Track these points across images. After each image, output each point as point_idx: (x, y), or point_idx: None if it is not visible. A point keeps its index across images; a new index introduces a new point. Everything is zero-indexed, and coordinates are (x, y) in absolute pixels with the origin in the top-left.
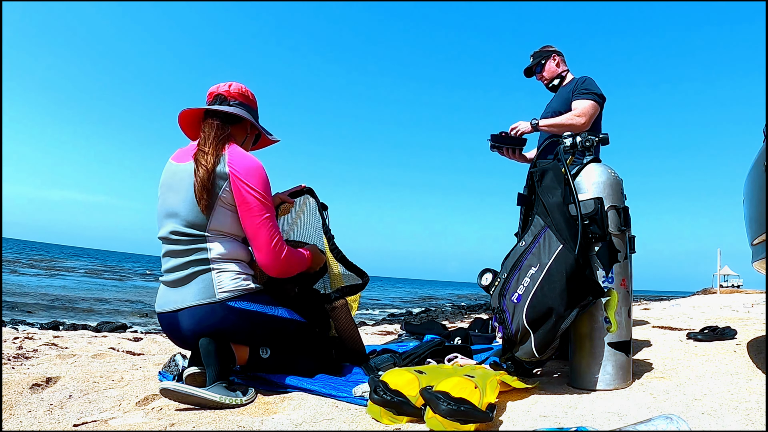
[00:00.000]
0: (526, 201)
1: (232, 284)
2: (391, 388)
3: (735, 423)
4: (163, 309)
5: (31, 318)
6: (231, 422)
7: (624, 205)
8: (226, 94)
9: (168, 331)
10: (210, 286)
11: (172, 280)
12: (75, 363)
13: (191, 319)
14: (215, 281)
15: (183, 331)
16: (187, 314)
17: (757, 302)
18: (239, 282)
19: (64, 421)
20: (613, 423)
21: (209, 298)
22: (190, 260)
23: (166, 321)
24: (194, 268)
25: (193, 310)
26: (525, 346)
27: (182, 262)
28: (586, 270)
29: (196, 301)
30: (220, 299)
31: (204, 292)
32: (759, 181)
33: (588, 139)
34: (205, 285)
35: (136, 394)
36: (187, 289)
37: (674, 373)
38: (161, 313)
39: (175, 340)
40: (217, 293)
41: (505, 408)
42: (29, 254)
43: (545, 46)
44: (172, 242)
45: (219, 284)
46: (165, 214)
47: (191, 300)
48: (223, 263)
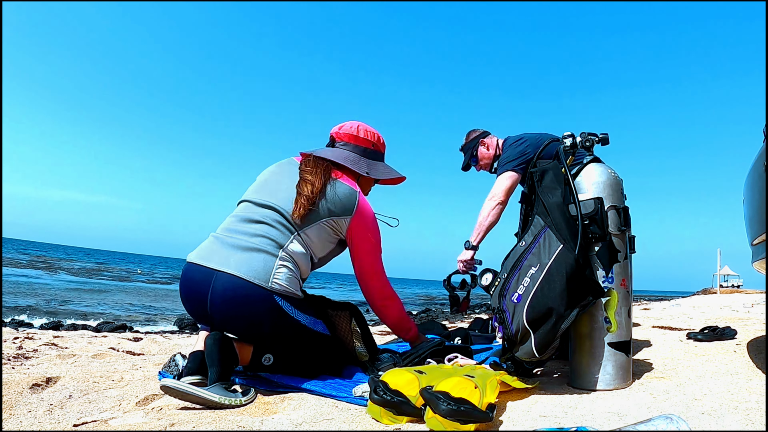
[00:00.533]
0: (527, 200)
1: (287, 282)
2: (391, 388)
3: (735, 423)
4: (201, 261)
5: (31, 318)
6: (231, 422)
7: (624, 205)
8: (335, 136)
9: (189, 288)
10: (269, 270)
11: (232, 242)
12: (75, 363)
13: (230, 290)
14: (275, 270)
15: (213, 296)
16: (228, 281)
17: (757, 302)
18: (292, 283)
19: (64, 421)
20: (613, 423)
21: (261, 281)
22: (267, 234)
23: (194, 275)
24: (264, 245)
25: (238, 282)
26: (525, 346)
27: (257, 233)
28: (586, 270)
29: (245, 275)
30: (271, 289)
31: (259, 271)
32: (759, 181)
33: (588, 138)
34: (265, 267)
35: (136, 394)
36: (243, 257)
37: (674, 373)
38: (194, 264)
39: (191, 301)
40: (271, 281)
41: (505, 408)
42: (29, 254)
43: (468, 133)
44: (263, 207)
45: (277, 275)
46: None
47: (242, 270)
48: (289, 261)
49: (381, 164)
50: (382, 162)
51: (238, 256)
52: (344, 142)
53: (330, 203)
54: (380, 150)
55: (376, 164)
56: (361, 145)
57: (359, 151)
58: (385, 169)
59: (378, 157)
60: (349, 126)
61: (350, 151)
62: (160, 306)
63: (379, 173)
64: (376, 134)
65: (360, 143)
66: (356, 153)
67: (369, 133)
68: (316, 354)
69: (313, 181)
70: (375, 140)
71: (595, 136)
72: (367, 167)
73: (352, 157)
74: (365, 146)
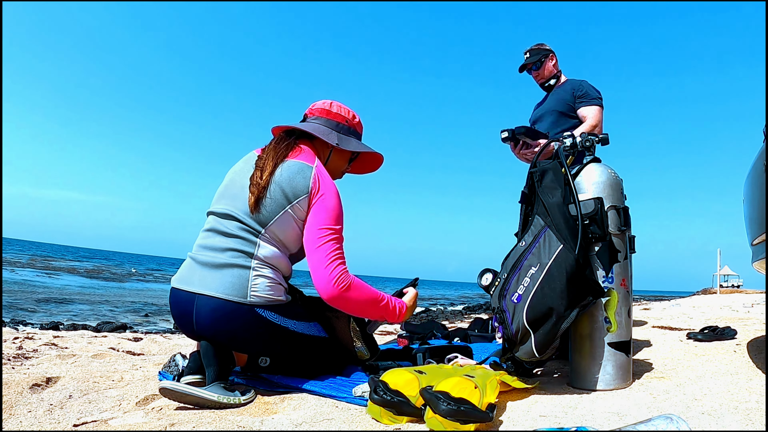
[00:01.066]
0: (527, 200)
1: (266, 291)
2: (391, 388)
3: (735, 423)
4: (182, 286)
5: (31, 318)
6: (231, 422)
7: (624, 205)
8: (308, 112)
9: (177, 311)
10: (244, 285)
11: (205, 260)
12: (75, 363)
13: (212, 311)
14: (251, 282)
15: (197, 319)
16: (208, 303)
17: (757, 302)
18: (273, 290)
19: (64, 421)
20: (613, 423)
21: (239, 297)
22: (234, 247)
23: (179, 299)
24: (235, 257)
25: (217, 302)
26: (525, 346)
27: (225, 246)
28: (586, 270)
29: (223, 294)
30: (251, 303)
31: (236, 288)
32: (759, 181)
33: (588, 139)
34: (240, 282)
35: (136, 394)
36: (218, 277)
37: (674, 373)
38: (177, 289)
39: (181, 322)
40: (249, 294)
41: (505, 408)
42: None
43: (540, 44)
44: (225, 218)
45: (254, 287)
46: (227, 194)
47: (219, 291)
48: (264, 267)
49: (354, 139)
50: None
51: (213, 276)
52: (316, 116)
53: (282, 185)
54: (355, 128)
55: (349, 138)
56: (333, 119)
57: (331, 125)
58: (359, 144)
59: (352, 135)
60: (322, 102)
61: (321, 124)
62: (160, 306)
63: (351, 145)
64: (352, 112)
65: (332, 117)
66: (328, 126)
67: (343, 109)
68: (313, 356)
69: (264, 165)
70: (349, 117)
71: (595, 136)
72: (338, 139)
73: (322, 129)
74: (338, 121)
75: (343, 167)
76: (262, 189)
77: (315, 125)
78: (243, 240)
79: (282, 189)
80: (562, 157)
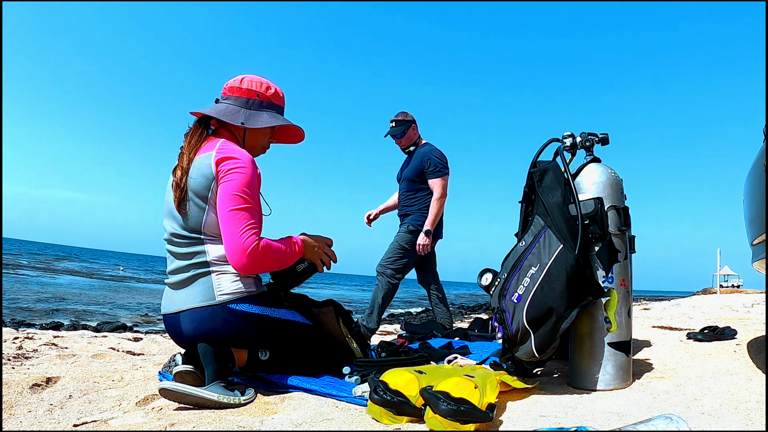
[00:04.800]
0: (527, 200)
1: (232, 286)
2: (391, 388)
3: (735, 423)
4: (167, 310)
5: (31, 318)
6: (231, 422)
7: (624, 205)
8: (222, 92)
9: (171, 333)
10: (210, 288)
11: (175, 281)
12: (75, 363)
13: (192, 321)
14: (215, 283)
15: (184, 333)
16: (188, 316)
17: (757, 302)
18: (239, 284)
19: (64, 421)
20: (613, 423)
21: (209, 301)
22: (191, 263)
23: (169, 322)
24: (194, 271)
25: (194, 313)
26: (525, 346)
27: (183, 265)
28: (586, 270)
29: (196, 303)
30: (220, 302)
31: (204, 294)
32: (759, 181)
33: (588, 138)
34: (206, 287)
35: (136, 394)
36: (189, 291)
37: (674, 373)
38: (165, 315)
39: (178, 341)
40: (216, 295)
41: (505, 408)
42: (28, 254)
43: (404, 113)
44: (173, 244)
45: (218, 286)
46: (166, 214)
47: (192, 302)
48: (223, 265)
49: (267, 113)
50: (270, 112)
51: (185, 293)
52: (227, 96)
53: (194, 188)
54: (271, 101)
55: (260, 113)
56: (243, 96)
57: (240, 103)
58: (270, 118)
59: (267, 108)
60: (234, 79)
61: (230, 103)
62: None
63: (260, 122)
64: (265, 83)
65: (243, 94)
66: (237, 105)
67: (254, 82)
68: (306, 344)
69: (182, 163)
70: (261, 90)
71: (595, 136)
72: (244, 117)
73: (230, 109)
74: (249, 97)
75: (263, 142)
76: (182, 191)
77: (222, 107)
78: (193, 253)
79: (194, 190)
80: (562, 157)
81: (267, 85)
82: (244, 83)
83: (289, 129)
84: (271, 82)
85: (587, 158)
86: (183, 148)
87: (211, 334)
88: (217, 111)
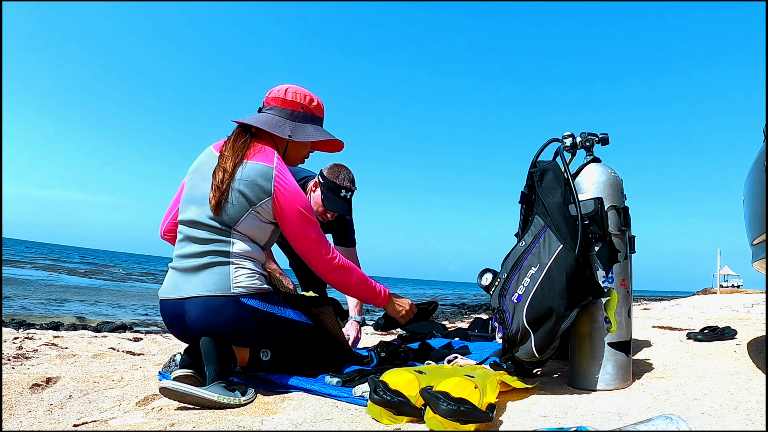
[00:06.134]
0: (527, 200)
1: (248, 281)
2: (391, 388)
3: (735, 423)
4: (170, 296)
5: (31, 318)
6: (231, 422)
7: (624, 205)
8: (264, 101)
9: (170, 320)
10: (227, 279)
11: (185, 267)
12: (75, 363)
13: (201, 309)
14: (232, 275)
15: (189, 321)
16: (196, 304)
17: (757, 302)
18: (254, 280)
19: (64, 421)
20: (613, 423)
21: (223, 291)
22: (211, 250)
23: (169, 308)
24: (213, 258)
25: (205, 301)
26: (525, 346)
27: (201, 250)
28: (586, 270)
29: (209, 292)
30: (235, 294)
31: (219, 284)
32: (759, 181)
33: (588, 138)
34: (222, 277)
35: (136, 394)
36: (201, 278)
37: (674, 373)
38: (165, 300)
39: (176, 330)
40: (232, 287)
41: (505, 408)
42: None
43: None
44: (194, 227)
45: (236, 279)
46: (193, 200)
47: (204, 290)
48: (242, 260)
49: (311, 127)
50: (314, 125)
51: (196, 278)
52: (270, 106)
53: (243, 188)
54: (314, 113)
55: (305, 126)
56: (288, 108)
57: (285, 114)
58: (315, 132)
59: (310, 120)
60: (277, 89)
61: (275, 114)
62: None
63: (306, 136)
64: (308, 95)
65: (287, 106)
66: (281, 116)
67: (299, 94)
68: (307, 344)
69: (225, 165)
70: (305, 102)
71: (595, 136)
72: (291, 130)
73: (275, 121)
74: (293, 109)
75: (304, 153)
76: (222, 193)
77: (267, 117)
78: (217, 242)
79: (243, 192)
80: (562, 157)
81: (310, 97)
82: (289, 95)
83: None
84: (312, 93)
85: (587, 158)
86: (225, 152)
87: (218, 326)
88: (264, 122)
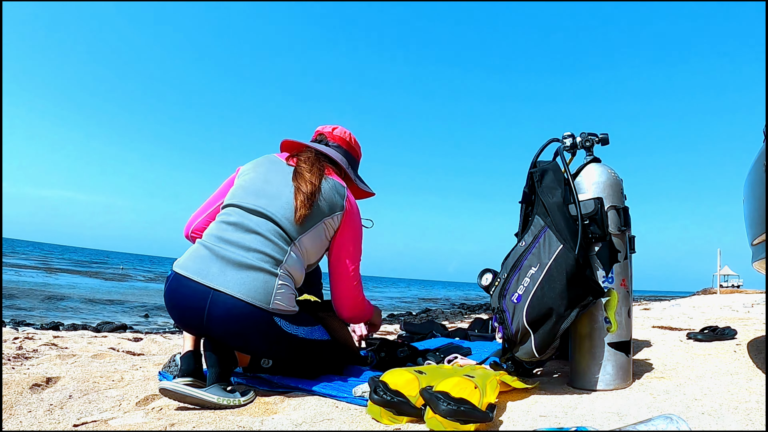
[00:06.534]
0: (527, 200)
1: (287, 302)
2: (391, 389)
3: (735, 423)
4: (193, 276)
5: (31, 318)
6: (231, 422)
7: (624, 205)
8: (328, 136)
9: (182, 302)
10: (269, 291)
11: (227, 255)
12: (75, 363)
13: (229, 311)
14: (275, 290)
15: (210, 317)
16: (227, 301)
17: (757, 302)
18: (292, 301)
19: (64, 421)
20: (613, 423)
21: (261, 302)
22: (265, 251)
23: (188, 290)
24: (263, 262)
25: (237, 303)
26: (525, 346)
27: (254, 247)
28: (586, 270)
29: (245, 296)
30: (271, 310)
31: (260, 292)
32: (759, 181)
33: (588, 138)
34: (266, 288)
35: (136, 394)
36: (241, 277)
37: (674, 373)
38: (186, 278)
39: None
40: (272, 301)
41: (505, 408)
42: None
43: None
44: (257, 215)
45: (278, 295)
46: (266, 194)
47: (241, 291)
48: (288, 277)
49: (360, 179)
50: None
51: (236, 275)
52: (337, 145)
53: (325, 201)
54: (359, 161)
55: (358, 176)
56: (350, 152)
57: (348, 158)
58: (366, 187)
59: (357, 168)
60: (341, 130)
61: (344, 155)
62: (160, 305)
63: (362, 187)
64: (359, 144)
65: (350, 151)
66: (347, 158)
67: (357, 143)
68: (316, 359)
69: (311, 178)
70: (359, 151)
71: (595, 136)
72: (354, 174)
73: (345, 162)
74: (353, 155)
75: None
76: (311, 205)
77: (341, 157)
78: (275, 245)
79: (323, 201)
80: (562, 157)
81: (359, 145)
82: (352, 141)
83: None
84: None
85: (587, 158)
86: (304, 165)
87: (240, 334)
88: (341, 160)
